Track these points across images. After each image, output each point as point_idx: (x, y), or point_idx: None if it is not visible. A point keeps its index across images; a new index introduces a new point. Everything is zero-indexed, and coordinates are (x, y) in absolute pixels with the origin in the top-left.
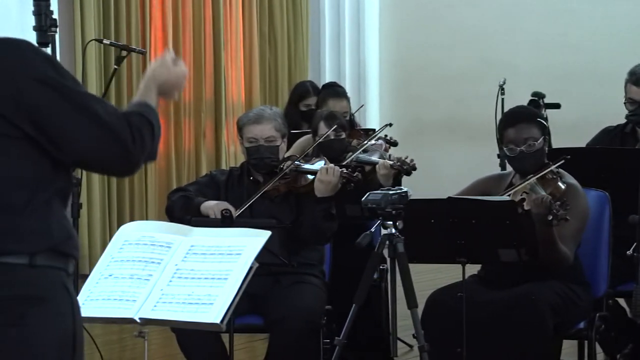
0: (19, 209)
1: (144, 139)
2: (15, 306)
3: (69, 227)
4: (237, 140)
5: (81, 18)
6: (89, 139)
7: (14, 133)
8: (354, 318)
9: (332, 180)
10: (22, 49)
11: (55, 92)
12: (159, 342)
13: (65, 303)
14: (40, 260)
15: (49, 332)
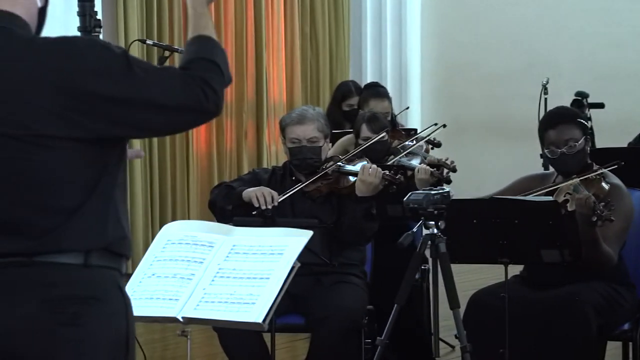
0: (76, 210)
1: (215, 88)
2: (70, 306)
3: (125, 227)
4: (278, 140)
5: (124, 19)
6: (162, 115)
7: (80, 135)
8: (395, 318)
9: (374, 181)
10: (78, 46)
11: (114, 83)
12: (200, 341)
13: (119, 303)
14: (95, 260)
15: (103, 332)
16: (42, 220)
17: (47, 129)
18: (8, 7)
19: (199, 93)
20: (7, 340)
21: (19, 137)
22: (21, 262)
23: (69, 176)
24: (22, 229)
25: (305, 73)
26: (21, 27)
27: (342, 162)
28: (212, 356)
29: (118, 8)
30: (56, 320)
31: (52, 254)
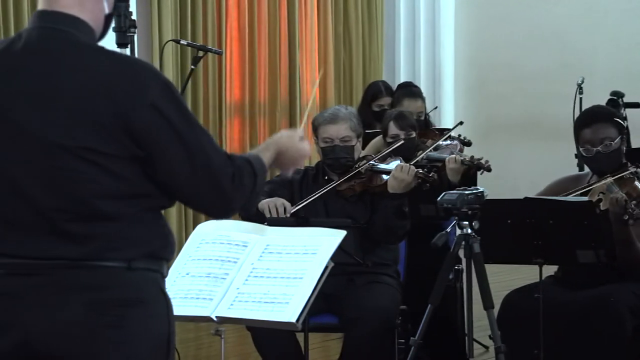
0: (123, 220)
1: (244, 185)
2: (115, 308)
3: (166, 233)
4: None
5: (158, 19)
6: (188, 175)
7: (127, 155)
8: (429, 318)
9: (407, 178)
10: (143, 73)
11: (165, 123)
12: (233, 341)
13: (161, 305)
14: (138, 264)
15: (147, 334)
16: (88, 228)
17: (98, 144)
18: (76, 12)
19: (230, 173)
20: (52, 341)
21: (71, 148)
22: (67, 264)
23: (116, 187)
24: (68, 236)
25: (338, 73)
26: (87, 33)
27: (375, 160)
28: (245, 355)
29: (152, 8)
30: (101, 323)
31: (97, 260)
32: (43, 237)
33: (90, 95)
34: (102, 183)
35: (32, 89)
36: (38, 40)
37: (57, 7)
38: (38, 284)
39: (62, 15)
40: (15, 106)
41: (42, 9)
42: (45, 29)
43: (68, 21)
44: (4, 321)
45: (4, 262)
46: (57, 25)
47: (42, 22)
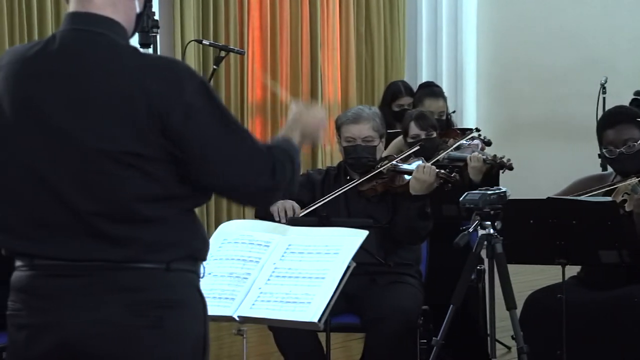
0: (162, 223)
1: (284, 176)
2: (154, 309)
3: (203, 233)
4: (333, 139)
5: (181, 19)
6: (229, 174)
7: (165, 157)
8: (451, 319)
9: (428, 179)
10: (179, 74)
11: (202, 122)
12: (255, 340)
13: (198, 306)
14: (176, 265)
15: (185, 334)
16: (128, 231)
17: (137, 147)
18: (109, 12)
19: (271, 166)
20: (92, 342)
21: (112, 152)
22: (107, 266)
23: (155, 189)
24: (108, 238)
25: (360, 72)
26: (120, 34)
27: (397, 161)
28: (267, 355)
29: (175, 8)
30: (141, 324)
31: (136, 262)
32: (83, 240)
33: (128, 98)
34: (141, 186)
35: (69, 92)
36: (73, 43)
37: (91, 8)
38: (78, 286)
39: (96, 17)
40: (52, 110)
41: (74, 11)
42: (79, 31)
43: (102, 22)
44: (44, 322)
45: (44, 263)
46: (91, 27)
47: (75, 24)
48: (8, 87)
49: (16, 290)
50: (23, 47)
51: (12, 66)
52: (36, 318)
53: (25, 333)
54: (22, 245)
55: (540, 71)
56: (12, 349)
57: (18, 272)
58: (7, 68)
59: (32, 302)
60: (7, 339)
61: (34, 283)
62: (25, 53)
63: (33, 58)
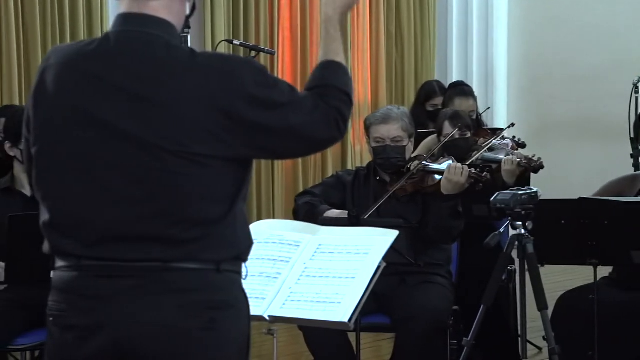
0: (215, 222)
1: (345, 118)
2: (206, 310)
3: (250, 235)
4: (363, 139)
5: (211, 19)
6: (299, 143)
7: (228, 155)
8: (482, 319)
9: (460, 179)
10: (238, 67)
11: (266, 110)
12: (285, 340)
13: (244, 306)
14: (225, 266)
15: (235, 336)
16: (182, 232)
17: (199, 147)
18: (165, 15)
19: (334, 125)
20: (143, 343)
21: (173, 152)
22: (157, 267)
23: (211, 191)
24: (161, 239)
25: (390, 72)
26: (175, 36)
27: (427, 161)
28: (297, 355)
29: (205, 9)
30: (193, 325)
31: (187, 262)
32: (135, 240)
33: (188, 97)
34: (203, 186)
35: (128, 93)
36: (129, 44)
37: (146, 10)
38: (129, 287)
39: (151, 18)
40: (110, 110)
41: (128, 12)
42: (135, 32)
43: (158, 24)
44: (95, 323)
45: (92, 264)
46: (146, 28)
47: (130, 25)
48: (62, 87)
49: (60, 290)
50: (73, 47)
51: (64, 66)
52: (85, 319)
53: (73, 334)
54: (70, 245)
55: (571, 70)
56: (58, 350)
57: (61, 272)
58: (58, 68)
59: (81, 302)
60: (49, 340)
61: (81, 284)
62: (78, 53)
63: (88, 58)
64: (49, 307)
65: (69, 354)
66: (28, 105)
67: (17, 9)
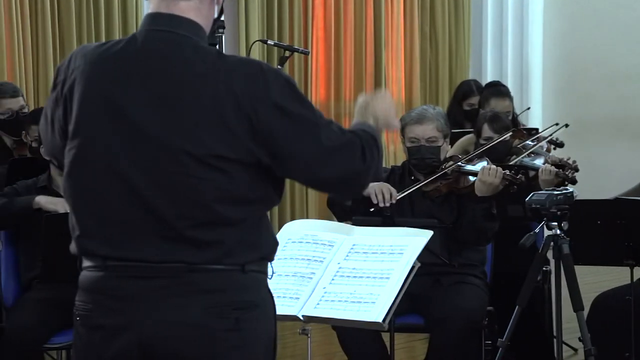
0: (239, 224)
1: (373, 159)
2: (232, 311)
3: (274, 236)
4: (397, 139)
5: (245, 19)
6: (320, 167)
7: (250, 160)
8: (517, 320)
9: (494, 181)
10: (265, 74)
11: (289, 122)
12: (319, 340)
13: (270, 307)
14: (250, 266)
15: (260, 336)
16: (207, 235)
17: (223, 150)
18: (193, 16)
19: (360, 153)
20: (170, 344)
21: (196, 154)
22: (185, 268)
23: (239, 196)
24: (185, 240)
25: (424, 72)
26: (203, 37)
27: (462, 161)
28: (330, 355)
29: (239, 9)
30: (219, 326)
31: (213, 264)
32: (163, 242)
33: (215, 100)
34: (224, 189)
35: (155, 93)
36: (157, 44)
37: (175, 10)
38: (155, 287)
39: (179, 19)
40: (137, 111)
41: (157, 12)
42: (163, 32)
43: (186, 25)
44: (121, 323)
45: (118, 265)
46: (174, 28)
47: (158, 25)
48: (89, 87)
49: (87, 290)
50: (98, 47)
51: (90, 66)
52: (112, 319)
53: (100, 334)
54: (95, 245)
55: (607, 70)
56: (84, 350)
57: (87, 272)
58: (85, 68)
59: (107, 303)
60: (76, 339)
61: (107, 284)
62: (104, 53)
63: (115, 58)
64: (75, 307)
65: (95, 353)
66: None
67: (54, 9)
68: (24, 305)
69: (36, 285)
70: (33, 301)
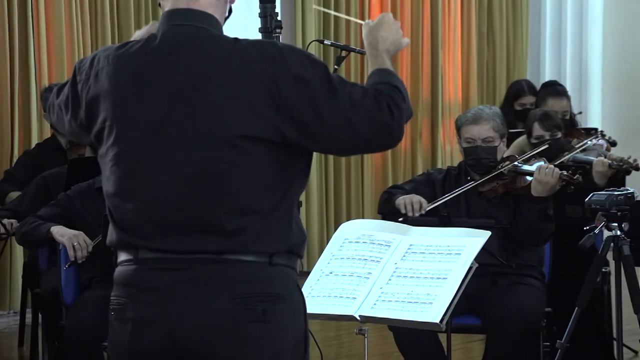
0: (267, 213)
1: (399, 107)
2: (259, 303)
3: (303, 229)
4: (453, 139)
5: (302, 19)
6: (351, 129)
7: (275, 137)
8: (576, 321)
9: (550, 181)
10: (280, 50)
11: (311, 90)
12: (375, 340)
13: (299, 301)
14: (278, 260)
15: (288, 330)
16: (235, 221)
17: (249, 130)
18: (211, 11)
19: (386, 108)
20: (198, 335)
21: (224, 138)
22: (210, 259)
23: (265, 181)
24: (214, 229)
25: (481, 72)
26: (219, 29)
27: (518, 161)
28: (386, 355)
29: (296, 9)
30: (246, 317)
31: (240, 254)
32: (191, 233)
33: (238, 82)
34: (251, 174)
35: (176, 84)
36: (175, 37)
37: (195, 5)
38: (186, 279)
39: (195, 12)
40: (164, 102)
41: (174, 8)
42: (179, 26)
43: (202, 17)
44: (149, 315)
45: (148, 257)
46: (190, 21)
47: (175, 20)
48: (116, 84)
49: (121, 284)
50: (120, 47)
51: (114, 65)
52: (142, 311)
53: (132, 326)
54: (128, 237)
55: None
56: (117, 343)
57: (121, 267)
58: (109, 67)
59: (138, 295)
60: (111, 334)
61: (139, 277)
62: (126, 52)
63: (135, 55)
64: (110, 302)
65: (127, 345)
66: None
67: (113, 9)
68: (83, 304)
69: (95, 284)
70: (92, 299)
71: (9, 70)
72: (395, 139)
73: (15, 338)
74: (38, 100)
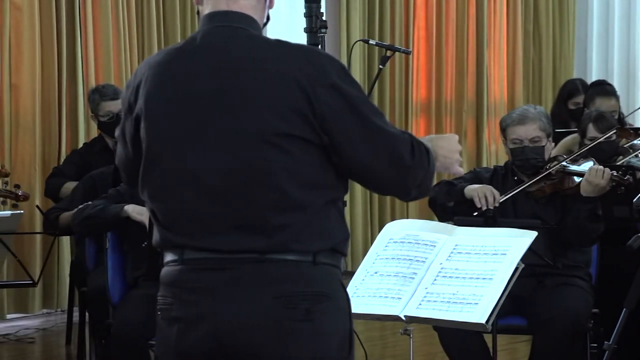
0: (310, 210)
1: (422, 160)
2: (302, 302)
3: (346, 227)
4: (498, 139)
5: (347, 19)
6: (370, 152)
7: (313, 138)
8: (624, 323)
9: (601, 182)
10: (321, 57)
11: (345, 102)
12: (419, 340)
13: (343, 300)
14: (322, 258)
15: (332, 328)
16: (277, 219)
17: (288, 128)
18: (251, 13)
19: (409, 147)
20: (241, 334)
21: (265, 136)
22: (254, 258)
23: (306, 178)
24: (257, 228)
25: (527, 72)
26: (258, 30)
27: (566, 162)
28: (431, 355)
29: (341, 9)
30: (290, 316)
31: (283, 253)
32: (235, 231)
33: (278, 83)
34: (292, 170)
35: (217, 84)
36: (215, 38)
37: (235, 7)
38: (229, 278)
39: (234, 14)
40: (202, 104)
41: (216, 10)
42: (219, 27)
43: (242, 18)
44: (195, 315)
45: (193, 257)
46: (229, 22)
47: (215, 22)
48: (156, 89)
49: (167, 285)
50: (159, 53)
51: (154, 70)
52: (187, 311)
53: (177, 326)
54: (175, 237)
55: None
56: (164, 343)
57: (167, 267)
58: (149, 72)
59: (184, 295)
60: (158, 334)
61: (184, 277)
62: (166, 57)
63: (176, 58)
64: (157, 302)
65: (173, 345)
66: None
67: (159, 11)
68: (129, 302)
69: (142, 283)
70: (139, 298)
71: (57, 72)
72: (410, 186)
73: (63, 336)
74: (85, 101)
